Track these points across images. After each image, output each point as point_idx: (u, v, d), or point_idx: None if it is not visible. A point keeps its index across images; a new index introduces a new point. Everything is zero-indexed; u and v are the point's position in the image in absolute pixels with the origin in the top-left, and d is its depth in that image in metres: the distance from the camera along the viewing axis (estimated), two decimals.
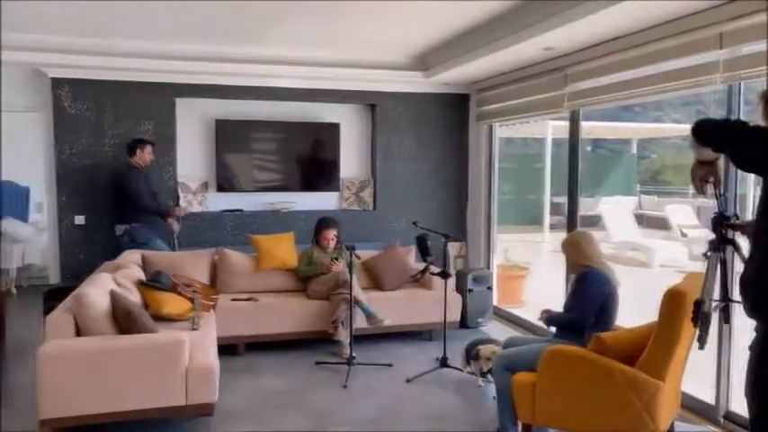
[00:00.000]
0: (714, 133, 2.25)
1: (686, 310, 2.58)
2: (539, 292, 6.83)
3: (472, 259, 6.94)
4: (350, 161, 6.98)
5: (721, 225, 2.39)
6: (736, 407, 3.57)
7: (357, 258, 4.71)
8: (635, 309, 3.74)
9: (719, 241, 2.37)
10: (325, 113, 6.82)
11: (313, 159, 6.87)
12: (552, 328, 3.61)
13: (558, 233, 8.85)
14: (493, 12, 4.56)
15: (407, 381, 4.34)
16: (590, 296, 3.33)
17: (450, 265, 5.48)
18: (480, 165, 6.81)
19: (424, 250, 4.86)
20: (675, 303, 2.78)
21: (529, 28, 4.36)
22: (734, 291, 2.43)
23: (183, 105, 6.42)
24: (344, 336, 4.78)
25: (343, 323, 4.81)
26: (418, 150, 7.03)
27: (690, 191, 13.97)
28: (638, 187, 14.80)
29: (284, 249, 5.40)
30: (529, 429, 3.24)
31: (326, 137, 6.81)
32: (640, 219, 11.89)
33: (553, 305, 3.65)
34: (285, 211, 6.65)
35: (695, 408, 3.75)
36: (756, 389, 2.13)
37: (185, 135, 6.45)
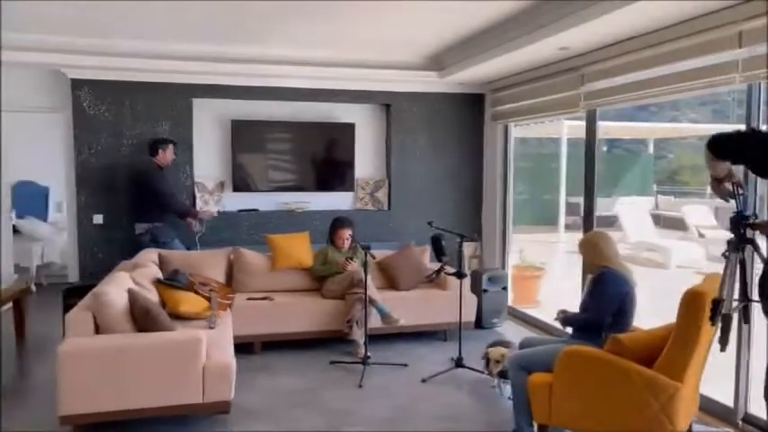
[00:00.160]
0: (731, 144, 2.25)
1: (706, 312, 2.56)
2: (554, 293, 6.79)
3: (487, 259, 6.92)
4: (365, 161, 6.99)
5: (741, 224, 2.37)
6: (755, 409, 3.53)
7: (372, 258, 4.72)
8: (652, 310, 3.71)
9: (739, 241, 2.36)
10: (340, 113, 6.85)
11: (328, 159, 6.90)
12: (568, 329, 3.59)
13: (574, 233, 8.80)
14: (508, 12, 4.54)
15: (423, 381, 4.34)
16: (607, 297, 3.31)
17: (465, 266, 5.48)
18: (495, 165, 6.79)
19: (439, 250, 4.85)
20: (695, 305, 2.76)
21: (544, 28, 4.34)
22: (753, 290, 2.41)
23: (200, 106, 6.47)
24: (359, 335, 4.79)
25: (357, 323, 4.82)
26: (433, 150, 7.03)
27: (707, 191, 13.82)
28: (654, 187, 14.66)
29: (300, 249, 5.42)
30: (545, 430, 3.23)
31: (341, 137, 6.84)
32: (657, 219, 11.77)
33: (569, 306, 3.63)
34: (300, 211, 6.68)
35: (713, 410, 3.71)
36: None
37: (202, 135, 6.50)
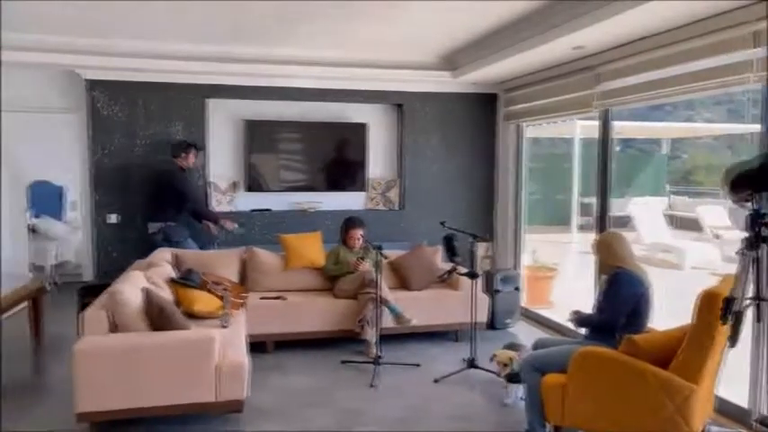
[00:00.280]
0: (751, 180, 2.26)
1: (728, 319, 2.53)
2: (567, 294, 6.76)
3: (500, 260, 6.90)
4: (377, 161, 7.00)
5: (757, 223, 2.35)
6: None
7: (384, 258, 4.72)
8: (666, 311, 3.68)
9: (755, 239, 2.34)
10: (352, 114, 6.86)
11: (340, 159, 6.90)
12: (582, 330, 3.57)
13: (587, 234, 8.74)
14: (521, 11, 4.53)
15: (435, 381, 4.33)
16: (622, 297, 3.29)
17: (477, 266, 5.46)
18: (508, 165, 6.77)
19: (452, 250, 4.85)
20: (711, 306, 2.73)
21: (558, 27, 4.32)
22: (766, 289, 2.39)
23: (214, 106, 6.51)
24: (371, 335, 4.79)
25: (369, 322, 4.82)
26: (445, 150, 7.02)
27: (722, 192, 13.66)
28: (668, 188, 14.53)
29: (312, 248, 5.44)
30: (558, 431, 3.21)
31: (354, 137, 6.84)
32: (671, 220, 11.68)
33: (582, 306, 3.61)
34: (312, 211, 6.70)
35: (727, 411, 3.67)
36: None
37: (215, 135, 6.54)
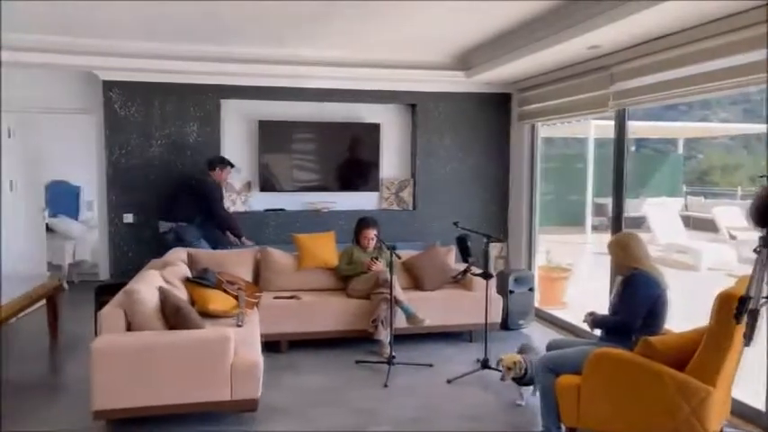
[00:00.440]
0: None
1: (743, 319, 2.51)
2: (581, 294, 6.73)
3: (513, 260, 6.88)
4: (390, 161, 7.00)
5: None
6: None
7: (398, 258, 4.73)
8: (682, 312, 3.65)
9: None
10: (365, 114, 6.86)
11: (353, 159, 6.91)
12: (597, 331, 3.55)
13: (601, 235, 8.69)
14: (536, 11, 4.51)
15: (448, 381, 4.33)
16: (638, 299, 3.27)
17: (491, 266, 5.45)
18: (522, 165, 6.75)
19: (465, 251, 4.84)
20: (728, 308, 2.69)
21: (573, 27, 4.30)
22: None
23: (228, 107, 6.55)
24: (385, 335, 4.80)
25: (383, 322, 4.83)
26: (459, 150, 7.01)
27: (738, 192, 13.54)
28: (684, 188, 14.41)
29: (325, 248, 5.45)
30: None
31: (367, 137, 6.85)
32: (687, 220, 11.58)
33: (596, 307, 3.59)
34: (326, 211, 6.72)
35: (743, 413, 3.64)
36: None
37: (230, 136, 6.57)
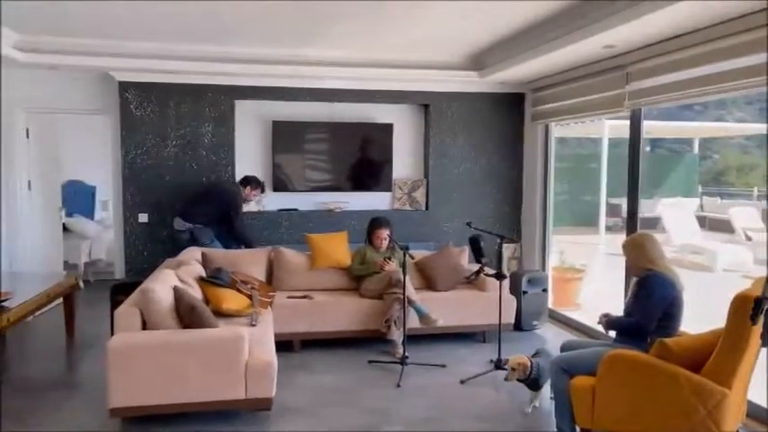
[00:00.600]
0: None
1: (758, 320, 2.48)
2: (595, 295, 6.69)
3: (527, 261, 6.86)
4: (402, 161, 7.01)
5: None
6: None
7: (411, 258, 4.72)
8: (697, 314, 3.62)
9: None
10: (378, 114, 6.87)
11: (366, 159, 6.93)
12: (612, 333, 3.53)
13: (615, 235, 8.64)
14: (550, 10, 4.50)
15: (461, 382, 4.32)
16: (654, 300, 3.24)
17: (504, 267, 5.44)
18: (536, 165, 6.73)
19: (478, 251, 4.83)
20: (745, 309, 2.67)
21: (588, 26, 4.28)
22: None
23: (242, 107, 6.59)
24: (397, 335, 4.80)
25: (396, 323, 4.82)
26: (472, 150, 7.00)
27: (755, 192, 13.40)
28: (699, 188, 14.27)
29: (338, 248, 5.47)
30: None
31: (380, 137, 6.86)
32: (702, 221, 11.48)
33: (610, 309, 3.57)
34: (338, 211, 6.74)
35: (758, 415, 3.61)
36: None
37: (244, 136, 6.61)
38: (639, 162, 4.95)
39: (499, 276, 4.61)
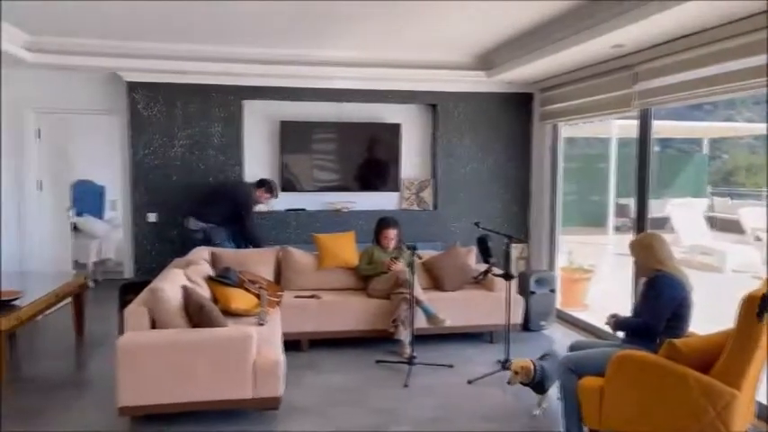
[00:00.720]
0: None
1: (764, 316, 2.48)
2: (603, 296, 6.66)
3: (535, 261, 6.84)
4: (410, 161, 7.00)
5: None
6: None
7: (418, 258, 4.72)
8: (706, 315, 3.60)
9: None
10: (386, 114, 6.87)
11: (374, 160, 6.92)
12: (620, 333, 3.51)
13: (623, 236, 8.60)
14: (558, 10, 4.48)
15: (469, 382, 4.32)
16: (663, 301, 3.22)
17: (512, 267, 5.43)
18: (543, 165, 6.71)
19: (486, 251, 4.82)
20: (754, 310, 2.66)
21: (595, 26, 4.27)
22: None
23: (250, 107, 6.60)
24: (405, 335, 4.80)
25: (403, 322, 4.82)
26: (480, 150, 6.99)
27: (764, 193, 13.29)
28: (709, 189, 14.18)
29: (346, 248, 5.47)
30: None
31: (387, 137, 6.86)
32: (712, 221, 11.41)
33: (618, 309, 3.56)
34: (346, 211, 6.74)
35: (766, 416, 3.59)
36: None
37: (252, 136, 6.63)
38: (648, 162, 4.93)
39: (507, 276, 4.60)
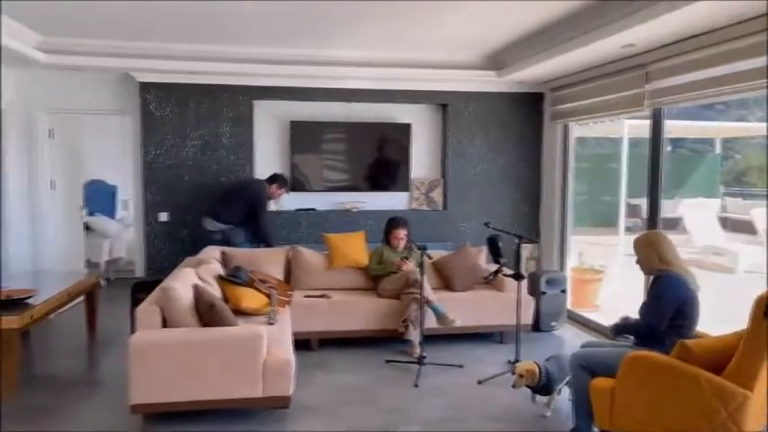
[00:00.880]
0: None
1: None
2: (614, 297, 6.63)
3: (545, 261, 6.81)
4: (420, 161, 7.00)
5: None
6: None
7: (429, 258, 4.72)
8: (718, 316, 3.58)
9: None
10: (396, 114, 6.88)
11: (383, 159, 6.93)
12: (630, 337, 3.49)
13: (635, 236, 8.53)
14: (568, 10, 4.47)
15: (479, 382, 4.31)
16: (664, 300, 3.20)
17: (522, 267, 5.41)
18: (554, 165, 6.68)
19: (496, 251, 4.81)
20: (763, 310, 2.64)
21: (606, 26, 4.25)
22: None
23: (261, 107, 6.63)
24: (415, 335, 4.80)
25: (413, 322, 4.82)
26: (490, 150, 6.97)
27: None
28: (721, 189, 14.06)
29: (355, 248, 5.48)
30: None
31: (397, 137, 6.86)
32: (724, 222, 11.32)
33: (628, 310, 3.54)
34: (356, 211, 6.75)
35: None
36: None
37: (262, 136, 6.66)
38: (661, 162, 4.90)
39: (517, 277, 4.59)
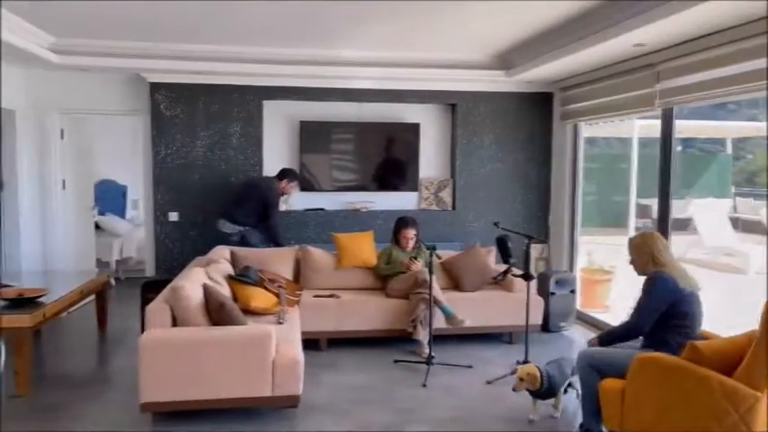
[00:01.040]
0: None
1: None
2: (624, 297, 6.58)
3: (555, 261, 6.79)
4: (429, 161, 6.99)
5: None
6: None
7: (438, 258, 4.71)
8: (728, 317, 3.55)
9: None
10: (405, 114, 6.87)
11: (392, 159, 6.92)
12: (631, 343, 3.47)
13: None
14: (578, 9, 4.45)
15: (487, 383, 4.30)
16: (650, 300, 3.21)
17: (531, 267, 5.39)
18: (564, 165, 6.65)
19: (505, 251, 4.79)
20: None
21: (616, 25, 4.23)
22: None
23: (270, 107, 6.64)
24: (423, 335, 4.80)
25: (422, 322, 4.82)
26: (499, 150, 6.95)
27: None
28: (732, 189, 13.94)
29: (364, 248, 5.48)
30: None
31: (406, 137, 6.86)
32: (735, 222, 11.23)
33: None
34: (365, 211, 6.75)
35: None
36: None
37: (271, 136, 6.67)
38: (671, 162, 4.87)
39: (526, 277, 4.57)
